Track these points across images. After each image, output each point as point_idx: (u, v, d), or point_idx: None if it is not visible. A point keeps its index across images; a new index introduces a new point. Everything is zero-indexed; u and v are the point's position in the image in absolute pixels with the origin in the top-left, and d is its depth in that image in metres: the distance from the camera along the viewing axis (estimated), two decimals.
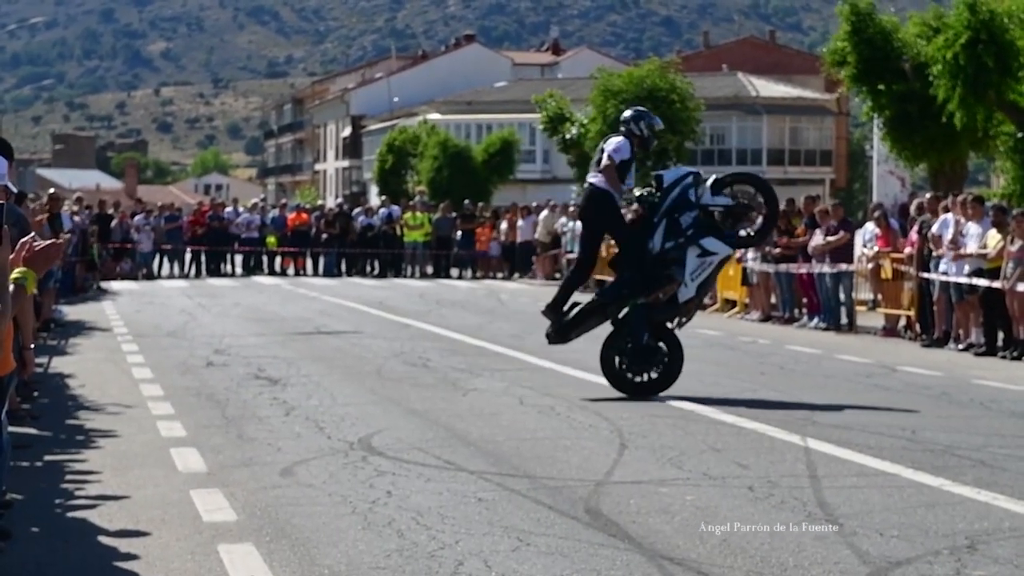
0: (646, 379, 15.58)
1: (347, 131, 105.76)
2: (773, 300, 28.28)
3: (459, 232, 47.14)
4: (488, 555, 8.19)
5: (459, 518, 9.15)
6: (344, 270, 46.91)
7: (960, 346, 22.16)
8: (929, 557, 8.18)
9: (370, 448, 11.87)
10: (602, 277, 37.47)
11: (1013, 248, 21.04)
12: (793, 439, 12.41)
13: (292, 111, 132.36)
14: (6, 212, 6.34)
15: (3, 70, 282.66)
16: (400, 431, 12.87)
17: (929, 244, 23.28)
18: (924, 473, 10.77)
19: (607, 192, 15.63)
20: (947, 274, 22.51)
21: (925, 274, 23.35)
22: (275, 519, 9.17)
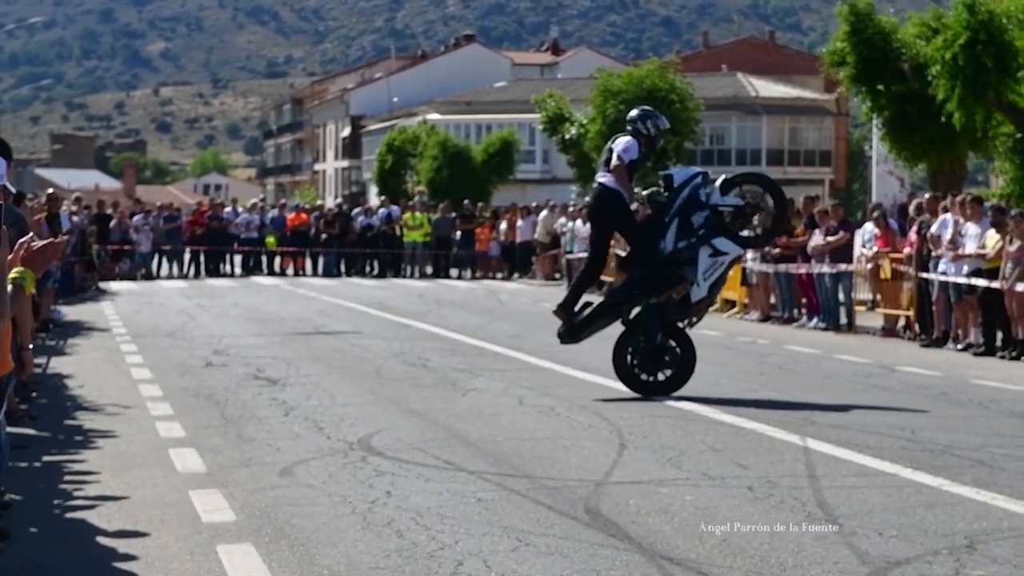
0: (660, 379, 15.60)
1: (346, 131, 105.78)
2: (772, 300, 28.28)
3: (459, 232, 47.14)
4: (488, 555, 8.19)
5: (458, 518, 9.15)
6: (343, 270, 46.90)
7: (959, 346, 22.17)
8: (928, 557, 8.19)
9: (369, 448, 11.86)
10: (601, 278, 37.57)
11: (1012, 248, 21.04)
12: (792, 439, 12.41)
13: (291, 111, 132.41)
14: (4, 212, 6.33)
15: (2, 70, 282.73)
16: (399, 431, 12.87)
17: (928, 244, 23.29)
18: (923, 473, 10.77)
19: (617, 192, 15.62)
20: (946, 274, 22.52)
21: (924, 274, 23.35)
22: (274, 519, 9.17)
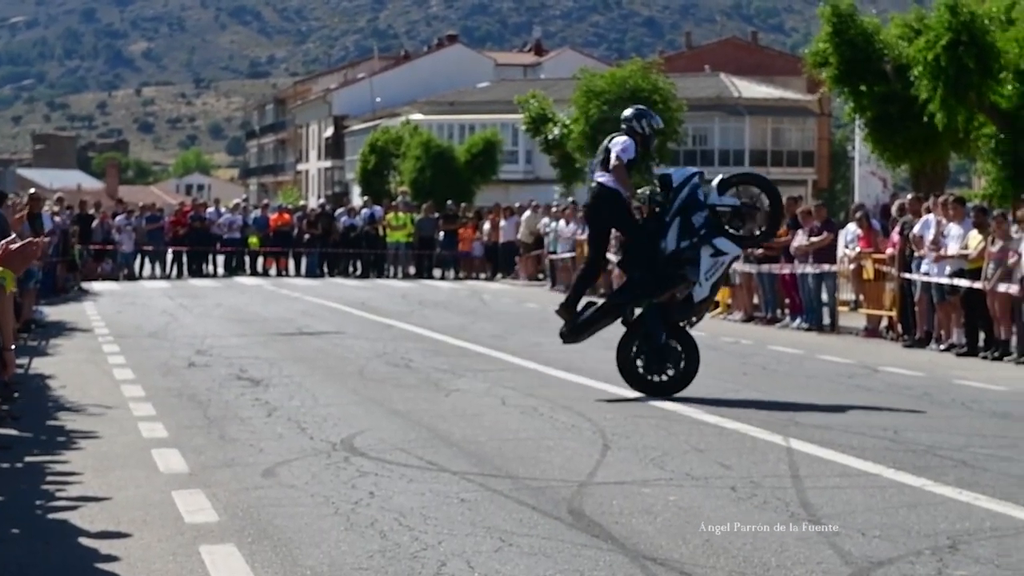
0: (665, 378, 15.60)
1: (329, 131, 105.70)
2: (755, 300, 28.31)
3: (442, 232, 47.12)
4: (471, 556, 8.18)
5: (441, 519, 9.14)
6: (326, 270, 46.85)
7: (941, 346, 22.21)
8: (911, 557, 8.19)
9: (352, 449, 11.85)
10: None
11: (994, 249, 21.09)
12: (775, 439, 12.41)
13: (274, 111, 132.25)
14: None
15: None
16: (382, 432, 12.85)
17: (911, 245, 23.34)
18: (906, 473, 10.78)
19: (616, 191, 15.57)
20: (928, 275, 22.56)
21: (907, 275, 23.40)
22: (257, 520, 9.15)
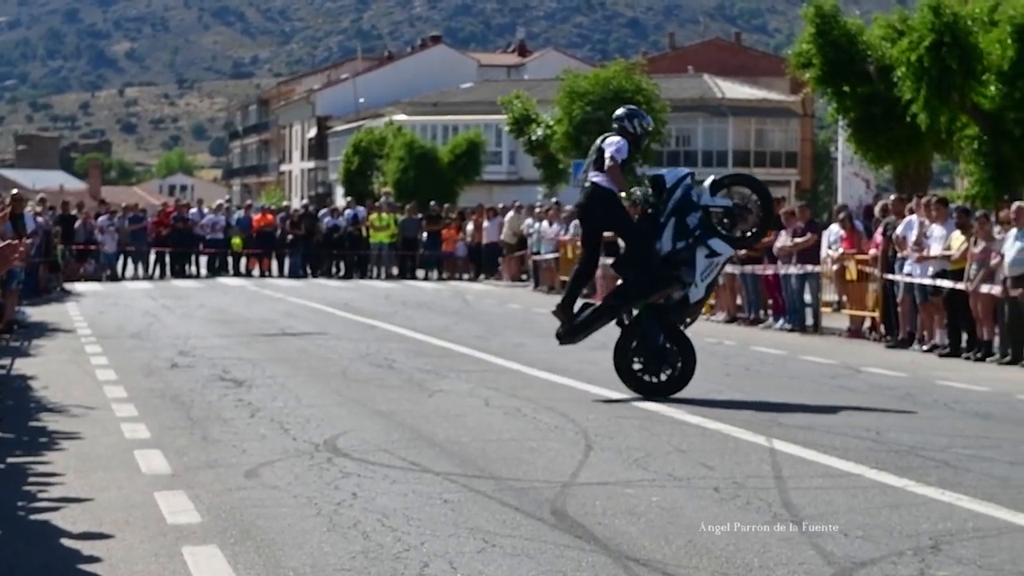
0: (663, 379, 15.60)
1: (313, 132, 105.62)
2: (739, 301, 28.33)
3: (425, 233, 47.07)
4: (453, 556, 8.18)
5: (424, 519, 9.14)
6: (310, 271, 46.77)
7: (924, 347, 22.25)
8: (893, 558, 8.21)
9: (335, 449, 11.83)
10: (568, 279, 37.57)
11: (976, 250, 21.14)
12: (758, 440, 12.42)
13: (257, 112, 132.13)
14: None
15: None
16: (365, 432, 12.84)
17: (894, 246, 23.38)
18: (888, 474, 10.80)
19: (611, 191, 15.52)
20: (911, 275, 22.60)
21: (890, 275, 23.43)
22: (240, 521, 9.14)
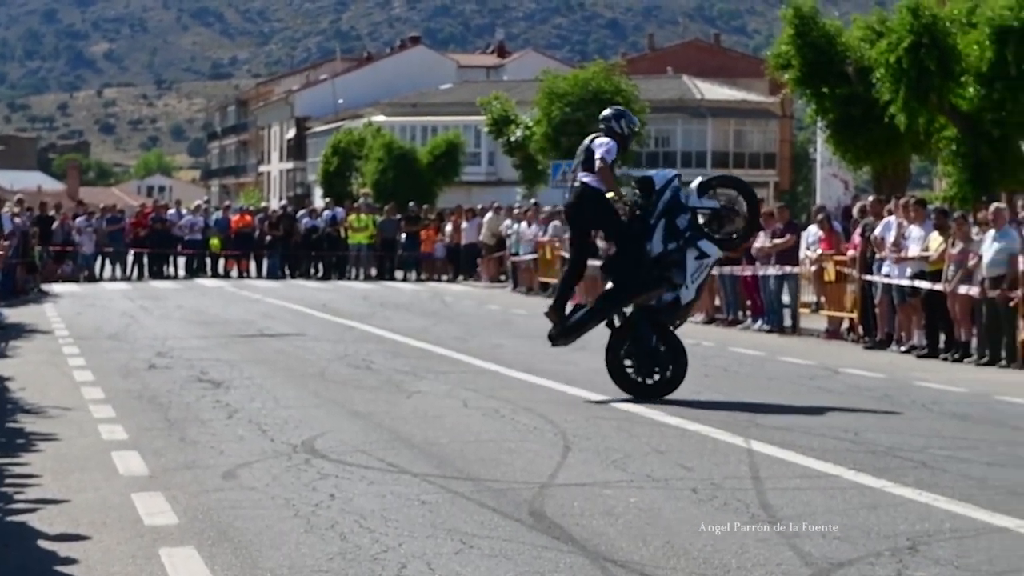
0: (656, 381, 15.58)
1: (291, 133, 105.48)
2: (717, 302, 28.35)
3: (404, 234, 47.01)
4: (431, 558, 8.17)
5: (402, 521, 9.12)
6: (288, 272, 46.71)
7: (902, 348, 22.30)
8: (871, 558, 8.21)
9: (313, 451, 11.81)
10: (546, 280, 37.56)
11: (954, 251, 21.19)
12: (736, 441, 12.43)
13: (236, 113, 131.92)
14: None
15: None
16: (343, 434, 12.82)
17: (872, 246, 23.42)
18: (866, 475, 10.81)
19: (601, 191, 15.50)
20: (889, 276, 22.65)
21: (868, 276, 23.48)
22: (217, 522, 9.11)
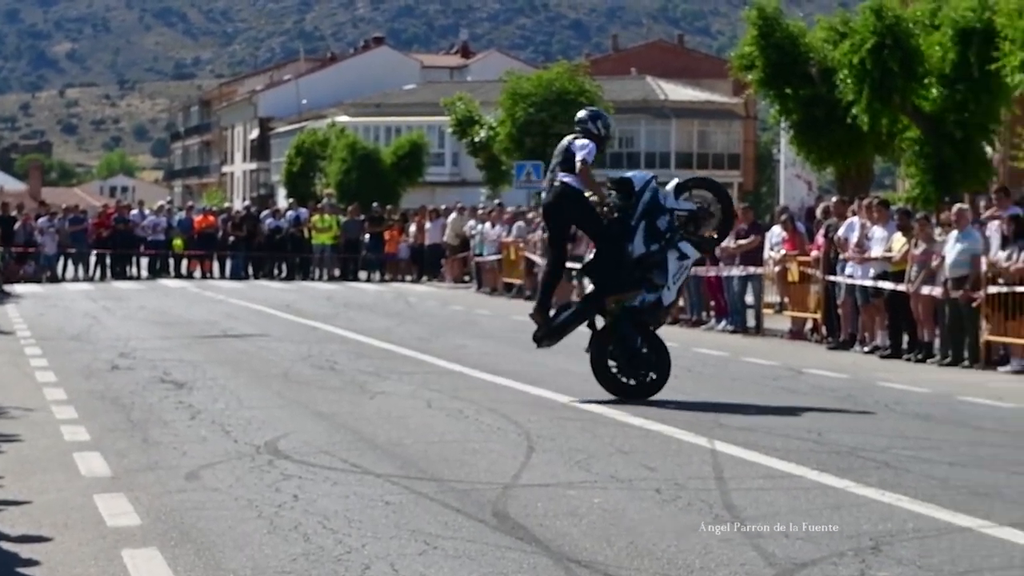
0: (642, 381, 15.58)
1: (255, 133, 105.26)
2: (681, 303, 28.34)
3: (367, 235, 46.96)
4: (395, 559, 8.15)
5: (366, 521, 9.10)
6: (251, 273, 46.60)
7: (865, 348, 22.37)
8: (834, 558, 8.23)
9: (276, 452, 11.78)
10: (511, 280, 37.59)
11: (917, 251, 21.27)
12: (700, 441, 12.44)
13: (199, 113, 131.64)
14: None
15: None
16: (307, 434, 12.79)
17: (835, 247, 23.49)
18: (829, 475, 10.83)
19: (580, 191, 15.49)
20: (853, 277, 22.72)
21: (831, 277, 23.54)
22: (180, 523, 9.08)
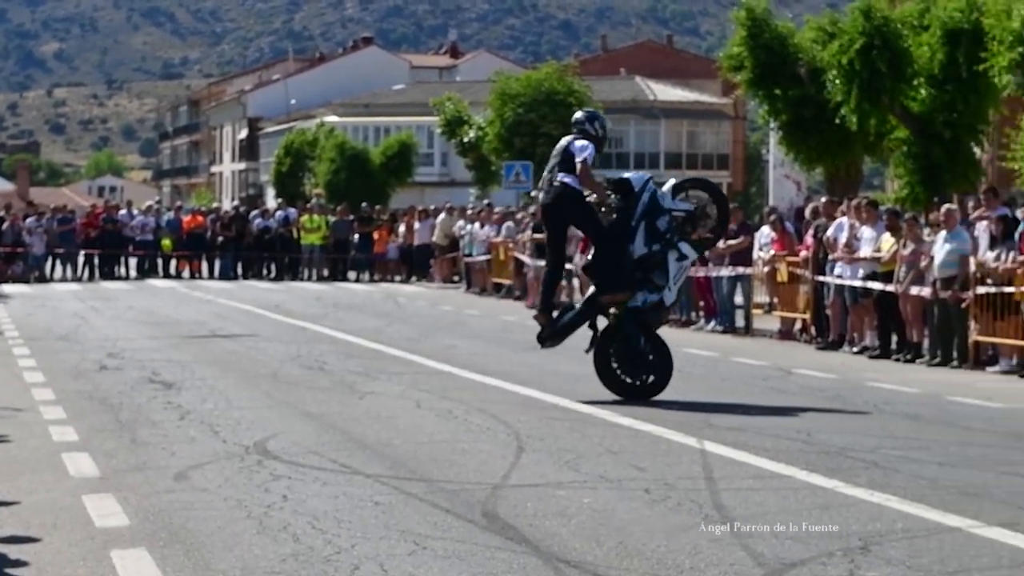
0: (646, 381, 15.59)
1: (243, 133, 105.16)
2: None
3: (356, 235, 46.92)
4: (384, 559, 8.14)
5: (355, 522, 9.09)
6: (240, 273, 46.55)
7: (854, 349, 22.39)
8: (823, 558, 8.23)
9: (265, 452, 11.77)
10: (500, 280, 37.58)
11: (906, 252, 21.29)
12: (690, 441, 12.44)
13: (188, 113, 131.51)
14: None
15: None
16: (296, 435, 12.78)
17: (824, 247, 23.50)
18: (818, 475, 10.84)
19: (580, 191, 15.48)
20: (842, 277, 22.74)
21: (820, 277, 23.56)
22: (169, 524, 9.07)
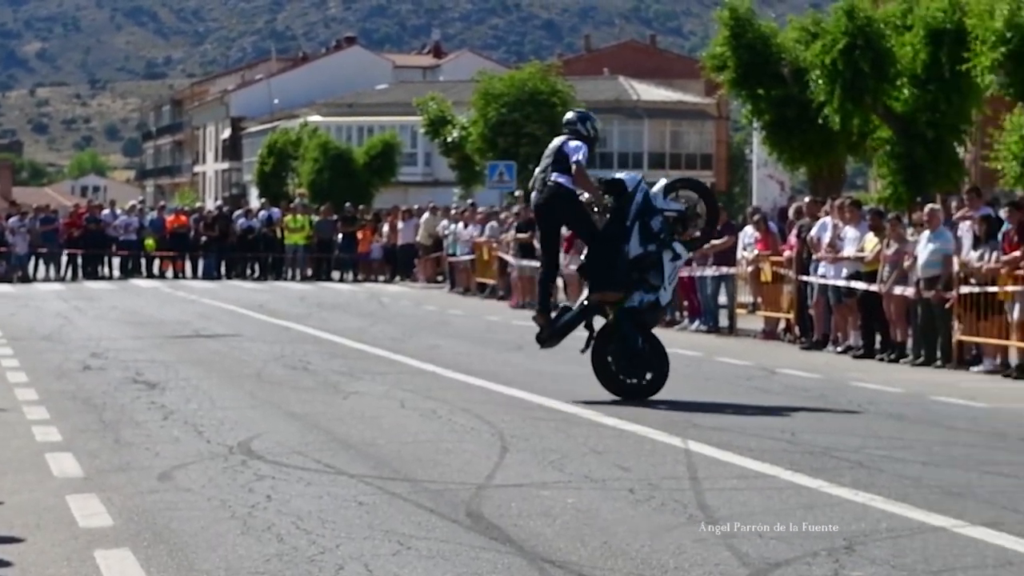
0: (643, 381, 15.61)
1: (227, 133, 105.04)
2: None
3: (340, 235, 46.89)
4: (369, 559, 8.13)
5: (339, 522, 9.08)
6: (224, 273, 46.50)
7: (838, 348, 22.41)
8: (808, 558, 8.24)
9: (249, 452, 11.75)
10: (484, 280, 37.56)
11: (889, 252, 21.32)
12: (674, 441, 12.45)
13: (171, 112, 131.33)
14: None
15: None
16: (280, 435, 12.76)
17: (808, 247, 23.53)
18: (803, 475, 10.85)
19: (573, 191, 15.48)
20: (825, 277, 22.76)
21: (804, 277, 23.58)
22: (153, 524, 9.05)
